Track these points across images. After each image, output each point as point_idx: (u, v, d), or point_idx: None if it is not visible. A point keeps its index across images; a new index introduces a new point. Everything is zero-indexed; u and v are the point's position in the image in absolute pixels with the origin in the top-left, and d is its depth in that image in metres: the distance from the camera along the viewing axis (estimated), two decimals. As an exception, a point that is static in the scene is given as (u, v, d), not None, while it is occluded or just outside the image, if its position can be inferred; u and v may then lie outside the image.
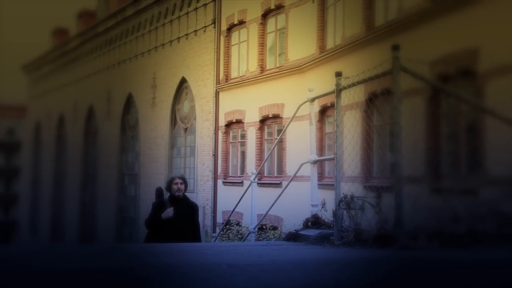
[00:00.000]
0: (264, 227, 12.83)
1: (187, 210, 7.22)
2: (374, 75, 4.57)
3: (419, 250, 4.19)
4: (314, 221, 5.73)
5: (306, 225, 5.75)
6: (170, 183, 7.34)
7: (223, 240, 12.26)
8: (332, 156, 5.43)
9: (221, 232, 12.74)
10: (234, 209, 9.18)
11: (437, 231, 4.29)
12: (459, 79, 9.16)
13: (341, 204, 4.87)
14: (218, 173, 17.89)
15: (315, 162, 6.11)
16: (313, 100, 6.21)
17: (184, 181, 7.34)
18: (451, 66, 9.29)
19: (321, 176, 13.55)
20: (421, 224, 4.59)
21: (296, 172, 6.77)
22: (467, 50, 9.05)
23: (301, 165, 6.69)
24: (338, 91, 4.98)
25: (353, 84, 4.85)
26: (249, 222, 8.69)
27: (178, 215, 7.01)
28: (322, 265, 3.48)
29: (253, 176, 8.06)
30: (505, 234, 4.23)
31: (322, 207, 5.80)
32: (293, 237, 5.55)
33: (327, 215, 5.60)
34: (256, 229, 7.93)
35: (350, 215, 4.88)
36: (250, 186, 7.94)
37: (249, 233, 8.16)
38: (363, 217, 5.06)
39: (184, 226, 7.09)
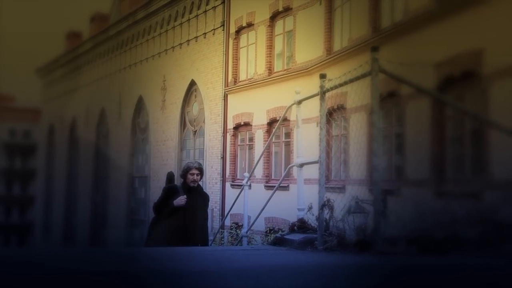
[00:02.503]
0: (267, 230, 12.72)
1: (199, 201, 7.06)
2: (355, 77, 4.47)
3: (396, 256, 4.08)
4: (300, 225, 5.64)
5: (292, 229, 5.66)
6: (186, 172, 7.08)
7: (221, 244, 12.18)
8: (316, 160, 5.34)
9: (219, 235, 12.66)
10: (228, 213, 9.11)
11: (417, 236, 4.17)
12: (464, 81, 9.05)
13: (324, 208, 4.77)
14: (226, 176, 17.83)
15: (301, 165, 6.02)
16: (299, 102, 6.12)
17: (201, 172, 7.12)
18: (456, 68, 9.17)
19: (327, 178, 13.39)
20: (419, 227, 4.48)
21: (284, 176, 6.67)
22: (472, 52, 8.92)
23: (288, 168, 6.60)
24: (322, 93, 4.89)
25: (336, 86, 4.76)
26: (255, 225, 8.57)
27: (190, 204, 6.85)
28: (268, 271, 3.38)
29: (246, 180, 7.99)
30: (486, 240, 4.10)
31: (308, 210, 5.71)
32: (278, 241, 5.47)
33: (313, 220, 5.50)
34: (248, 232, 7.84)
35: (334, 220, 4.78)
36: (243, 190, 7.84)
37: (241, 237, 8.08)
38: (367, 221, 4.95)
39: (193, 216, 6.92)
